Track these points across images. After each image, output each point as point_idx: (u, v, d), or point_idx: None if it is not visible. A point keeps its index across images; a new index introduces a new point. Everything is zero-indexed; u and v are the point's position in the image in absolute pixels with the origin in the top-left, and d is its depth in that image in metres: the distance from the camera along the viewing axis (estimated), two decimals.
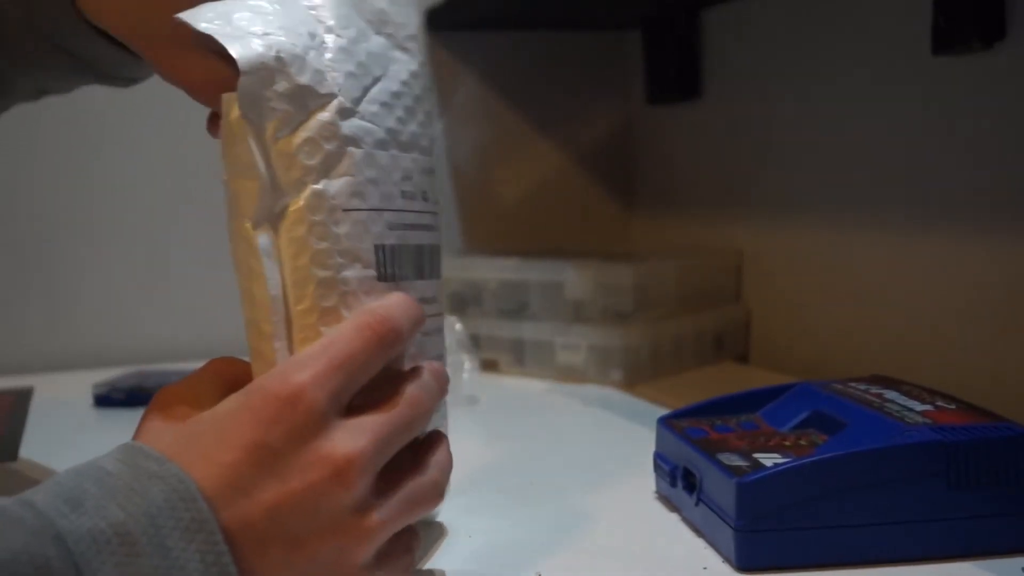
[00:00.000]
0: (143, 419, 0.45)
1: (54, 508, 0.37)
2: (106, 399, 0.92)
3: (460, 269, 1.08)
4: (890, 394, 0.59)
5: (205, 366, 0.48)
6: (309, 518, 0.41)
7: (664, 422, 0.63)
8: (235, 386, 0.44)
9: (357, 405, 0.44)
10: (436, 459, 0.47)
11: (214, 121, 0.53)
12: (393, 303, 0.46)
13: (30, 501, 0.37)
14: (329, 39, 0.46)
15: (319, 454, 0.41)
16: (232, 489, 0.40)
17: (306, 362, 0.43)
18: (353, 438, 0.42)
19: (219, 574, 0.38)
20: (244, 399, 0.42)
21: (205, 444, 0.41)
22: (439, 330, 0.52)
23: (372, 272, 0.47)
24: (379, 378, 0.45)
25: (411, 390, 0.45)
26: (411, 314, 0.46)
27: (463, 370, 0.89)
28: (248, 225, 0.47)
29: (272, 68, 0.45)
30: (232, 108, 0.46)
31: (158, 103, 1.18)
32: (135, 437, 0.44)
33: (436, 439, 0.49)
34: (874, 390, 0.61)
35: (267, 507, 0.40)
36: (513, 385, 0.99)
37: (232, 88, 0.45)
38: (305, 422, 0.41)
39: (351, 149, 0.46)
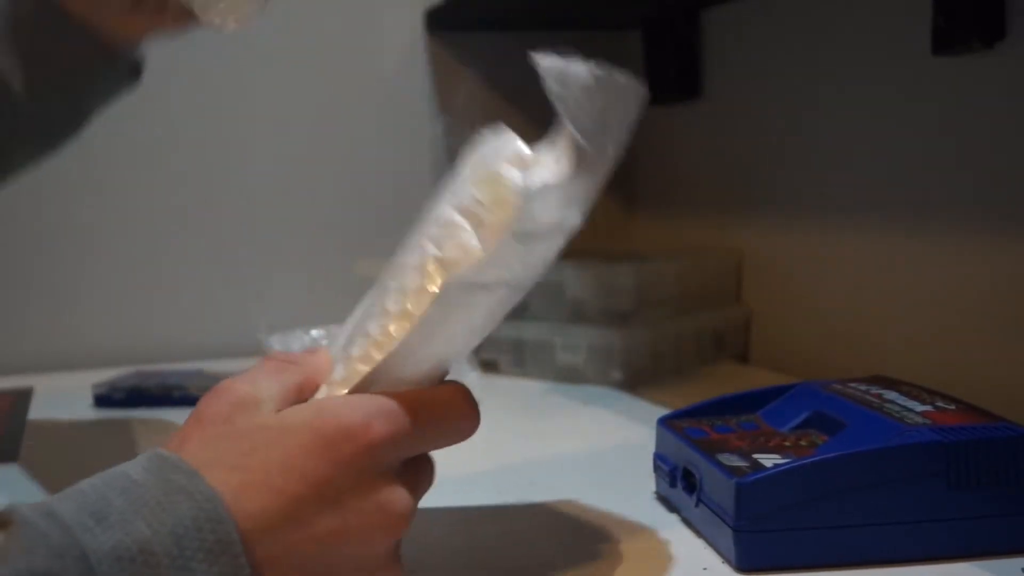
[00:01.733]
0: (197, 412, 0.44)
1: (79, 522, 0.37)
2: (106, 399, 0.92)
3: None
4: (890, 394, 0.59)
5: (266, 364, 0.47)
6: (352, 557, 0.42)
7: (664, 422, 0.63)
8: (299, 392, 0.45)
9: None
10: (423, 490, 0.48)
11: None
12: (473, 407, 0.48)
13: (55, 512, 0.37)
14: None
15: (378, 502, 0.42)
16: (283, 519, 0.40)
17: (394, 415, 0.43)
18: (408, 496, 0.44)
19: None
20: (316, 426, 0.42)
21: (262, 465, 0.41)
22: None
23: None
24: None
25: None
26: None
27: (464, 373, 0.89)
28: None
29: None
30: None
31: (158, 103, 1.18)
32: (183, 430, 0.43)
33: (427, 466, 0.49)
34: (874, 390, 0.61)
35: (316, 539, 0.41)
36: (513, 386, 0.99)
37: None
38: (372, 469, 0.42)
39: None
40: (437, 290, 0.47)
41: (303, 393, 0.46)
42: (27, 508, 0.37)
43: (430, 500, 0.63)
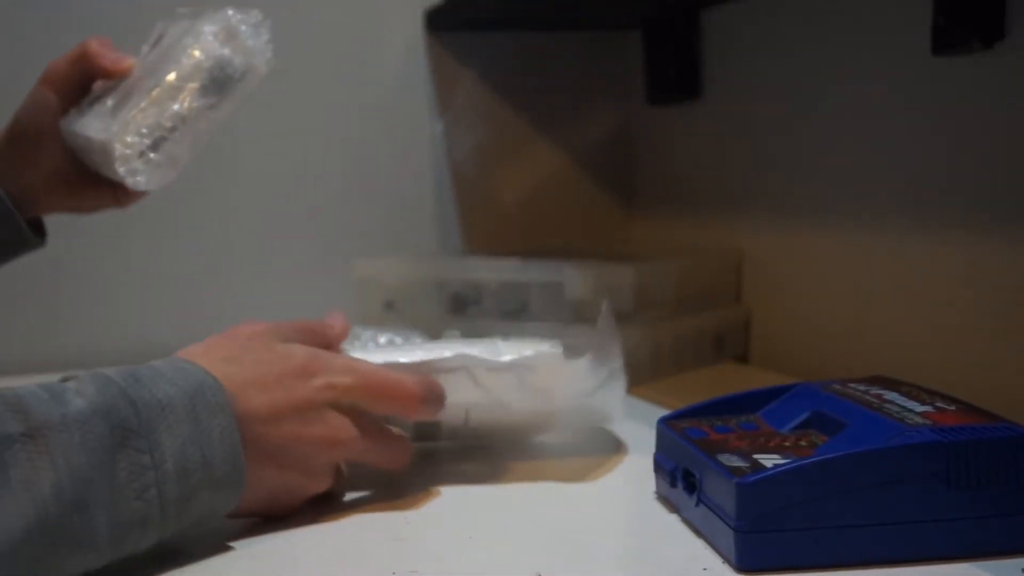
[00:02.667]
0: (224, 333, 0.62)
1: (124, 380, 0.51)
2: None
3: (460, 269, 1.08)
4: (890, 395, 0.59)
5: (291, 322, 0.64)
6: (302, 459, 0.57)
7: (664, 423, 0.63)
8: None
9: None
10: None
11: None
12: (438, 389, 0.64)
13: (107, 374, 0.51)
14: None
15: (333, 426, 0.58)
16: (253, 388, 0.56)
17: (369, 379, 0.60)
18: (355, 431, 0.59)
19: (230, 442, 0.53)
20: (308, 362, 0.59)
21: (264, 373, 0.57)
22: None
23: None
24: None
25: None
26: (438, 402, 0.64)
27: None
28: None
29: None
30: None
31: None
32: (211, 338, 0.60)
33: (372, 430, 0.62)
34: (874, 391, 0.61)
35: (283, 436, 0.56)
36: None
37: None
38: (336, 405, 0.59)
39: None
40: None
41: (305, 333, 0.64)
42: (82, 373, 0.51)
43: (430, 501, 0.63)
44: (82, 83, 0.79)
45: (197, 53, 0.76)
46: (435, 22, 1.23)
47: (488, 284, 1.06)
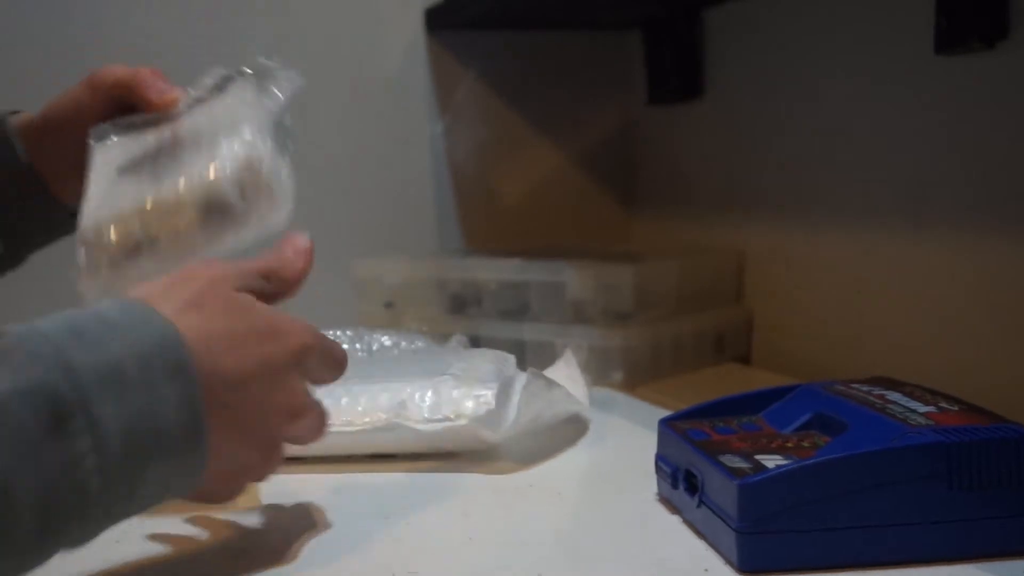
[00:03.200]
0: (179, 272, 0.52)
1: (64, 340, 0.42)
2: None
3: (460, 269, 1.08)
4: (892, 395, 0.59)
5: (256, 263, 0.56)
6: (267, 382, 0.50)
7: (665, 423, 0.63)
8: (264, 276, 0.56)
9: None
10: None
11: None
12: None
13: (43, 332, 0.43)
14: None
15: (293, 389, 0.52)
16: (221, 344, 0.48)
17: (312, 329, 0.54)
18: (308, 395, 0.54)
19: (191, 411, 0.45)
20: (272, 324, 0.52)
21: (232, 330, 0.49)
22: None
23: None
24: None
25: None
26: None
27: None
28: None
29: None
30: None
31: None
32: (169, 278, 0.51)
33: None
34: (876, 391, 0.60)
35: (242, 369, 0.49)
36: None
37: None
38: (300, 370, 0.53)
39: None
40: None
41: (268, 277, 0.56)
42: (16, 327, 0.43)
43: (431, 502, 0.63)
44: (122, 103, 0.71)
45: (212, 175, 0.61)
46: (435, 21, 1.22)
47: (488, 284, 1.05)
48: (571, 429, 0.78)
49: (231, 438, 0.48)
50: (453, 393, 0.71)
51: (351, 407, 0.71)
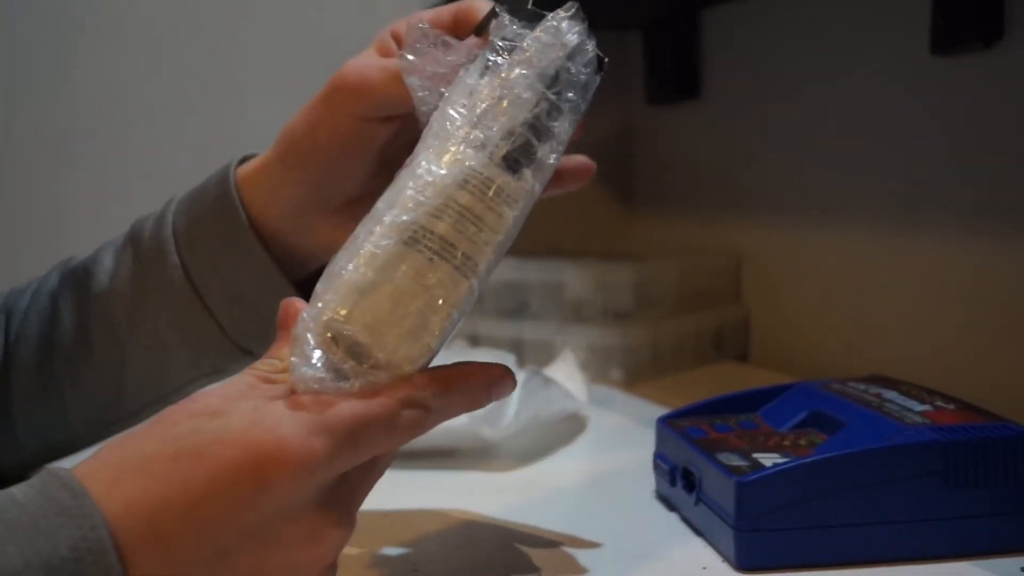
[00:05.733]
0: (158, 415, 0.39)
1: None
2: None
3: None
4: (889, 394, 0.59)
5: (247, 377, 0.40)
6: None
7: (664, 422, 0.63)
8: None
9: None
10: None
11: None
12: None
13: None
14: None
15: (306, 534, 0.37)
16: (198, 549, 0.35)
17: (339, 429, 0.37)
18: (340, 525, 0.39)
19: None
20: (251, 441, 0.36)
21: (182, 483, 0.35)
22: None
23: None
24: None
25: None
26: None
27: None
28: None
29: None
30: None
31: (157, 104, 1.18)
32: (133, 431, 0.38)
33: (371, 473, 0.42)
34: (873, 390, 0.61)
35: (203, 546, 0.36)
36: None
37: None
38: (303, 495, 0.37)
39: None
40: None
41: None
42: None
43: (431, 500, 0.63)
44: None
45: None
46: None
47: (488, 284, 1.05)
48: (570, 427, 0.78)
49: None
50: None
51: None
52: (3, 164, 1.15)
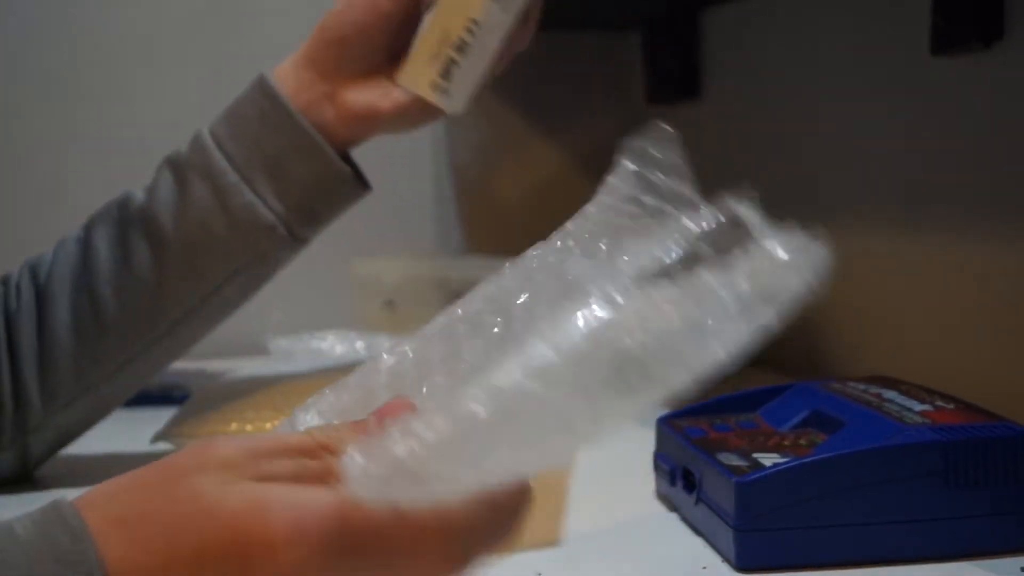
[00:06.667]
0: (169, 458, 0.37)
1: None
2: None
3: (460, 269, 1.08)
4: (889, 394, 0.59)
5: (289, 439, 0.37)
6: None
7: (664, 422, 0.63)
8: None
9: None
10: None
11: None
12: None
13: None
14: None
15: None
16: None
17: (344, 528, 0.34)
18: None
19: None
20: (242, 525, 0.34)
21: (169, 548, 0.34)
22: None
23: None
24: None
25: None
26: None
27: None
28: None
29: None
30: None
31: (157, 105, 1.18)
32: (140, 470, 0.37)
33: None
34: (873, 390, 0.61)
35: None
36: None
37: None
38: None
39: None
40: None
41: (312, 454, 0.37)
42: None
43: None
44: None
45: None
46: None
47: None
48: None
49: None
50: None
51: None
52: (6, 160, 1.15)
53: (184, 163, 0.67)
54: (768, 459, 0.54)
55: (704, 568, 0.51)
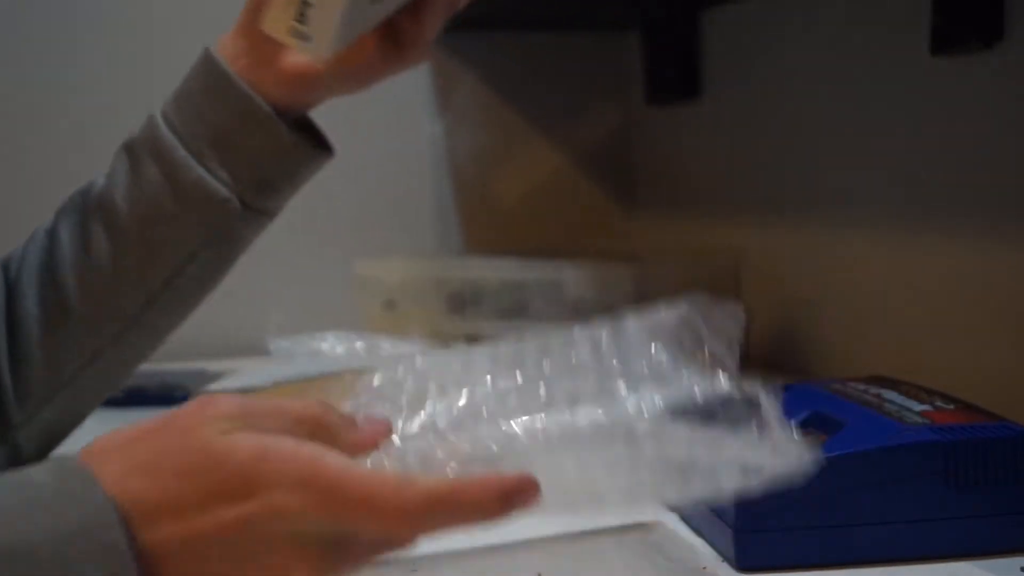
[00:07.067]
0: (171, 413, 0.42)
1: None
2: (106, 399, 0.92)
3: (460, 269, 1.08)
4: (889, 394, 0.59)
5: (293, 407, 0.43)
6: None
7: None
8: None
9: None
10: None
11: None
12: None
13: None
14: None
15: (282, 568, 0.39)
16: (182, 547, 0.39)
17: (341, 488, 0.39)
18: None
19: None
20: (250, 472, 0.39)
21: (185, 489, 0.39)
22: None
23: None
24: None
25: None
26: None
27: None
28: None
29: None
30: None
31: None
32: (143, 423, 0.43)
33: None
34: (873, 390, 0.61)
35: (189, 541, 0.39)
36: None
37: None
38: (289, 534, 0.39)
39: None
40: None
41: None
42: None
43: None
44: None
45: None
46: None
47: (488, 284, 1.06)
48: None
49: None
50: None
51: None
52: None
53: (136, 144, 0.66)
54: None
55: (704, 568, 0.51)
